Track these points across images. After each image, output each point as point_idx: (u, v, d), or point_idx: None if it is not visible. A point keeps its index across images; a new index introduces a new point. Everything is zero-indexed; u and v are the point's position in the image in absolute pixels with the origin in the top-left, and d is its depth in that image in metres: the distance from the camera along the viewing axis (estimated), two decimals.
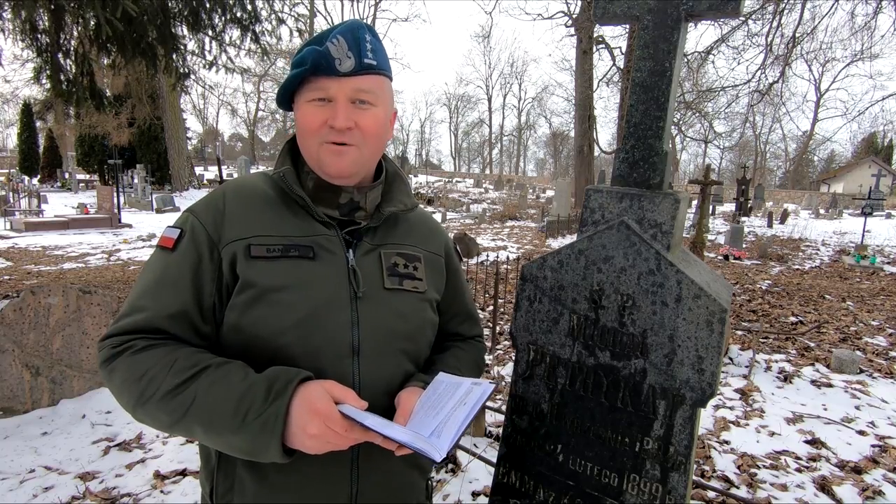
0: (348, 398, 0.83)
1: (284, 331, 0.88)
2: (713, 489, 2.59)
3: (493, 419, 3.37)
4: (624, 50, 16.42)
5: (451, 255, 1.17)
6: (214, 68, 6.66)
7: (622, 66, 16.14)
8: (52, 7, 4.98)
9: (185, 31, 5.98)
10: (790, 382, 4.11)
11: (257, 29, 6.29)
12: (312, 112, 0.91)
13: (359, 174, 0.99)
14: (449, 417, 0.85)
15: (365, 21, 0.94)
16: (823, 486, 2.72)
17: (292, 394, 0.80)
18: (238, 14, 6.04)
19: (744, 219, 15.46)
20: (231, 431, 0.80)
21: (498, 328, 5.10)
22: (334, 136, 0.91)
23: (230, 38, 6.28)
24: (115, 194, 14.29)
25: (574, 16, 18.88)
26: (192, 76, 6.69)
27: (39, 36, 5.40)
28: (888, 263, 10.52)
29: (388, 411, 0.94)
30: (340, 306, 0.92)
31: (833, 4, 9.91)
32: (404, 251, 1.04)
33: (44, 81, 5.68)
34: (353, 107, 0.92)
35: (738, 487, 2.71)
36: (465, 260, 9.16)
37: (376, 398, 0.93)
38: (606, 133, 57.79)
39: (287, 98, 0.97)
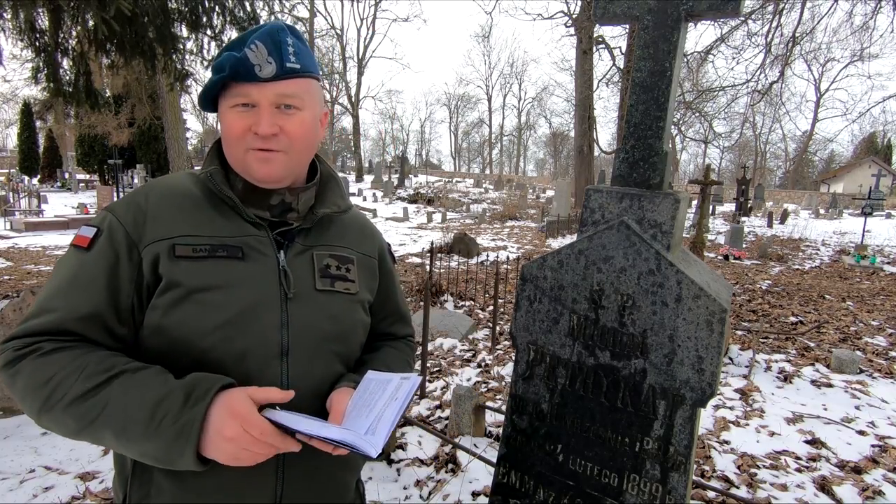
0: (271, 395, 0.81)
1: (211, 331, 0.86)
2: (713, 489, 2.59)
3: (493, 419, 3.37)
4: (624, 50, 16.42)
5: (385, 257, 1.16)
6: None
7: (622, 66, 16.15)
8: (52, 7, 4.98)
9: (185, 32, 5.99)
10: (790, 382, 4.11)
11: None
12: (235, 118, 0.89)
13: (288, 178, 0.97)
14: (382, 414, 0.86)
15: (286, 23, 0.92)
16: (823, 486, 2.72)
17: (212, 399, 0.78)
18: (238, 14, 6.04)
19: (744, 219, 15.47)
20: (145, 438, 0.77)
21: (498, 328, 5.10)
22: (259, 142, 0.89)
23: (229, 38, 6.28)
24: (115, 194, 14.31)
25: (574, 16, 18.88)
26: (191, 76, 6.70)
27: (38, 36, 5.40)
28: (888, 263, 10.52)
29: (318, 413, 0.93)
30: (270, 307, 0.91)
31: (832, 4, 9.91)
32: (337, 253, 1.03)
33: (41, 81, 5.68)
34: (277, 112, 0.90)
35: (738, 487, 2.71)
36: (465, 260, 9.15)
37: (305, 400, 0.92)
38: (606, 133, 57.77)
39: (210, 101, 0.95)
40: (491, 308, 5.19)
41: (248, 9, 6.15)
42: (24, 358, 0.82)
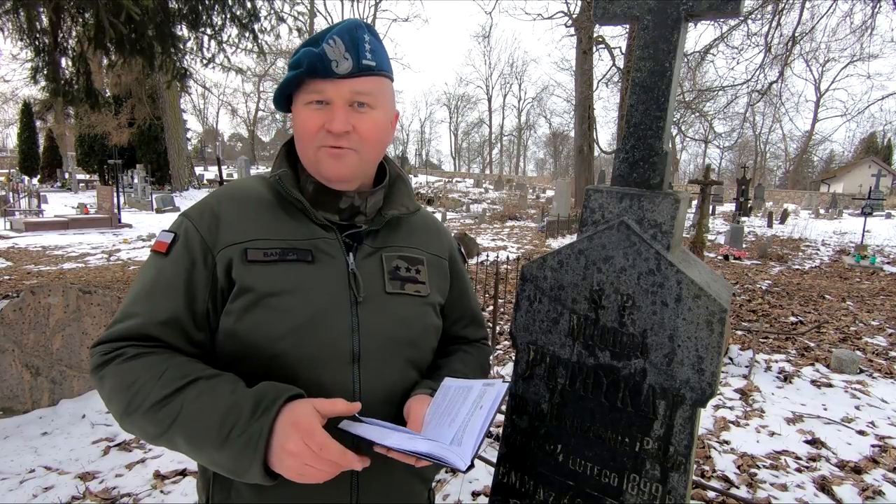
0: (336, 408, 0.79)
1: (282, 336, 0.86)
2: (713, 489, 2.58)
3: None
4: (624, 50, 16.41)
5: (455, 257, 1.15)
6: (212, 66, 6.66)
7: (622, 66, 16.13)
8: (52, 6, 4.98)
9: (185, 30, 5.98)
10: (790, 382, 4.11)
11: (256, 28, 6.29)
12: (309, 115, 0.89)
13: (358, 178, 0.96)
14: (467, 423, 0.81)
15: (365, 20, 0.91)
16: (823, 486, 2.72)
17: (278, 411, 0.77)
18: (237, 12, 6.04)
19: (744, 219, 15.45)
20: (214, 447, 0.77)
21: (498, 328, 5.10)
22: (332, 140, 0.89)
23: (229, 36, 6.28)
24: (114, 194, 14.28)
25: (574, 16, 18.86)
26: (191, 75, 6.69)
27: (38, 35, 5.40)
28: (888, 263, 10.52)
29: (392, 421, 0.91)
30: (340, 311, 0.90)
31: (832, 4, 9.90)
32: (406, 254, 1.01)
33: (41, 81, 5.68)
34: (351, 110, 0.89)
35: (738, 487, 2.71)
36: (466, 262, 9.15)
37: (377, 406, 0.90)
38: (606, 133, 57.74)
39: (284, 100, 0.95)
40: (491, 308, 5.19)
41: (249, 6, 6.15)
42: (110, 363, 0.84)
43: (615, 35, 18.21)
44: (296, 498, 0.88)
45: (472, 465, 0.74)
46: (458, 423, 0.82)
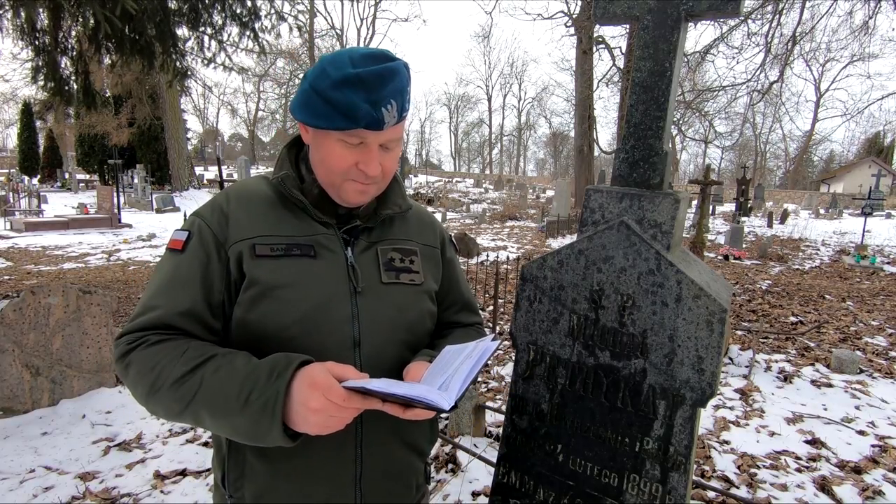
0: (348, 373, 0.86)
1: (289, 326, 0.93)
2: (713, 489, 2.58)
3: (493, 419, 3.37)
4: (624, 50, 16.41)
5: (446, 245, 1.21)
6: (213, 66, 6.66)
7: (622, 66, 16.13)
8: (52, 6, 4.98)
9: (185, 29, 5.98)
10: (790, 382, 4.11)
11: (257, 26, 6.29)
12: (343, 152, 0.94)
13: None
14: (456, 371, 0.87)
15: (403, 61, 0.95)
16: (823, 486, 2.72)
17: (293, 373, 0.83)
18: (238, 10, 6.04)
19: (744, 219, 15.45)
20: (235, 413, 0.83)
21: (498, 328, 5.10)
22: (363, 178, 0.96)
23: (229, 35, 6.28)
24: (115, 194, 14.29)
25: (574, 16, 18.85)
26: (191, 75, 6.69)
27: (38, 35, 5.40)
28: (888, 263, 10.52)
29: None
30: (341, 301, 0.97)
31: (832, 4, 9.89)
32: (400, 246, 1.09)
33: (40, 80, 5.67)
34: (380, 150, 0.97)
35: (738, 487, 2.71)
36: (465, 260, 9.14)
37: None
38: (606, 133, 57.76)
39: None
40: (491, 308, 5.19)
41: (249, 4, 6.14)
42: (134, 350, 0.91)
43: (615, 35, 18.21)
44: (305, 470, 0.96)
45: (454, 406, 0.80)
46: (449, 372, 0.88)
